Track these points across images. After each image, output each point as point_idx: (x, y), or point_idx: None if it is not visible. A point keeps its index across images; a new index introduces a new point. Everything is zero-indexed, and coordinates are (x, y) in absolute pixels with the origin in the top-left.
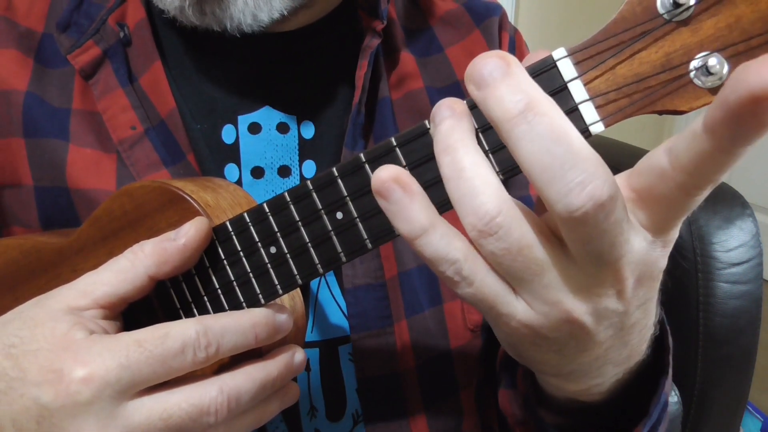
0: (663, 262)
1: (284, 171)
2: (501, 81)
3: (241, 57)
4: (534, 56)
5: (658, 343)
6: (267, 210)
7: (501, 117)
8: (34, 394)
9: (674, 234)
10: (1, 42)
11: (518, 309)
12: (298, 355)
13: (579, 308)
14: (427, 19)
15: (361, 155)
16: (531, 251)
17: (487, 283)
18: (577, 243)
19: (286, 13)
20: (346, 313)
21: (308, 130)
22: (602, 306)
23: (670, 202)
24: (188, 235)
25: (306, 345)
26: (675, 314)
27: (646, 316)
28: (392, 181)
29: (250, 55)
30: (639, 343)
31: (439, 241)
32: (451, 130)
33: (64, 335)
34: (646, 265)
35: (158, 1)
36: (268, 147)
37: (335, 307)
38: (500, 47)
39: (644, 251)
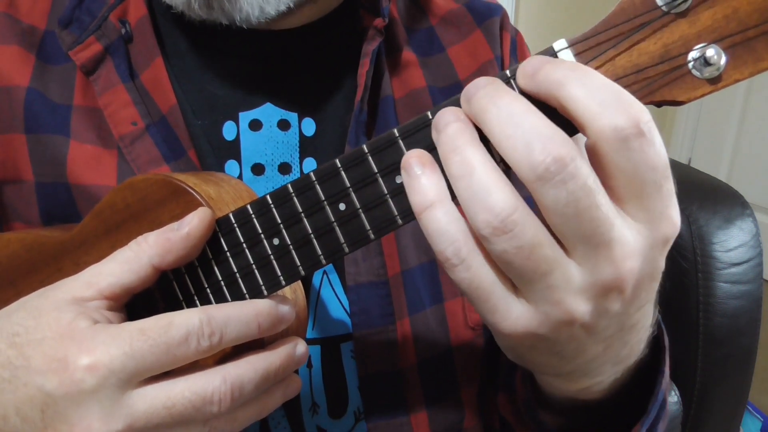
0: (662, 263)
1: (285, 168)
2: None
3: (243, 54)
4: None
5: (655, 342)
6: (270, 202)
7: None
8: (38, 382)
9: (667, 226)
10: (3, 38)
11: (515, 306)
12: (300, 346)
13: (580, 308)
14: (428, 18)
15: (364, 146)
16: (542, 250)
17: (484, 270)
18: (559, 221)
19: (292, 5)
20: (348, 310)
21: (309, 128)
22: (603, 307)
23: (618, 166)
24: (192, 224)
25: (308, 342)
26: (675, 314)
27: (644, 317)
28: (416, 158)
29: (252, 52)
30: (638, 343)
31: (444, 217)
32: (459, 132)
33: (69, 324)
34: (646, 262)
35: None
36: (268, 144)
37: (337, 305)
38: (501, 47)
39: (641, 246)
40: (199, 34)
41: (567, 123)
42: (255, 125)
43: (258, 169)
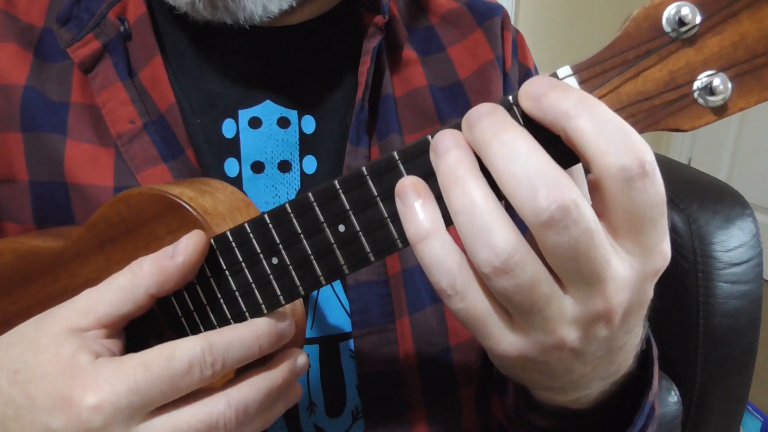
0: (651, 292)
1: (284, 166)
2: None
3: (243, 52)
4: None
5: (644, 356)
6: (268, 221)
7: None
8: (44, 421)
9: (659, 260)
10: (1, 36)
11: (509, 333)
12: (301, 358)
13: (571, 336)
14: (428, 17)
15: (363, 169)
16: (541, 287)
17: (479, 301)
18: (558, 261)
19: (294, 3)
20: (347, 309)
21: (309, 125)
22: (592, 334)
23: (620, 204)
24: (187, 251)
25: (306, 341)
26: (675, 314)
27: (632, 338)
28: (411, 186)
29: (252, 50)
30: (625, 360)
31: (439, 249)
32: (460, 160)
33: (69, 360)
34: (635, 294)
35: None
36: (268, 141)
37: (336, 304)
38: (503, 47)
39: (632, 280)
40: (199, 32)
41: (567, 151)
42: (255, 123)
43: (258, 167)
